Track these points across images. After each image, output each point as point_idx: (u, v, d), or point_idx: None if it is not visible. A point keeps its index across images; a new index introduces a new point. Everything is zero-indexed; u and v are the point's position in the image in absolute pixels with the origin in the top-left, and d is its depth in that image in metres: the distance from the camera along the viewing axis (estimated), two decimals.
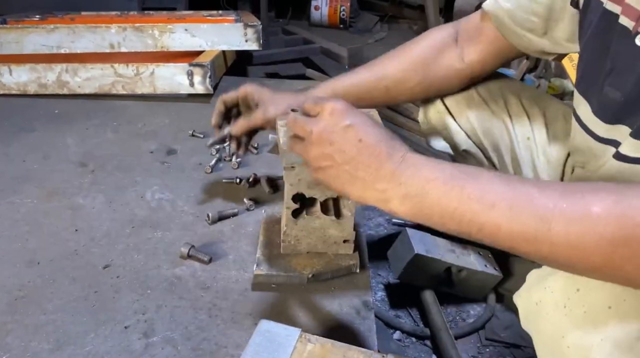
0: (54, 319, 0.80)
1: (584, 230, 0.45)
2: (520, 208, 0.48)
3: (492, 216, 0.49)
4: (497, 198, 0.49)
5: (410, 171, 0.55)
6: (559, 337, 0.51)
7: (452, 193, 0.52)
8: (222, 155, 1.30)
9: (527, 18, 0.86)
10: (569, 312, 0.51)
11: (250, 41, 1.77)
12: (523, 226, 0.48)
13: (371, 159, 0.57)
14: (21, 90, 1.69)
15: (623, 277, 0.46)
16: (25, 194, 1.12)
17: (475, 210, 0.50)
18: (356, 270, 0.90)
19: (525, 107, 1.02)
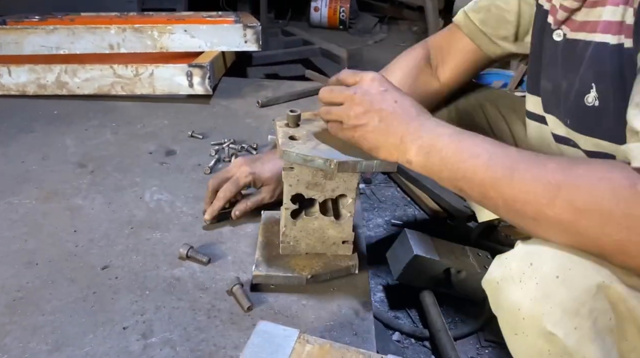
0: (52, 320, 0.80)
1: (538, 176, 0.54)
2: (495, 158, 0.59)
3: (474, 164, 0.60)
4: (482, 150, 0.60)
5: (429, 127, 0.66)
6: (515, 310, 0.55)
7: (451, 145, 0.63)
8: (221, 156, 1.30)
9: (499, 26, 0.93)
10: (524, 286, 0.55)
11: (249, 42, 1.77)
12: (493, 172, 0.58)
13: (404, 116, 0.67)
14: (20, 91, 1.69)
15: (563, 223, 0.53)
16: (24, 195, 1.12)
17: (463, 158, 0.61)
18: (355, 271, 0.90)
19: (503, 114, 1.06)
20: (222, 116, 1.59)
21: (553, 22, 0.77)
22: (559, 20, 0.75)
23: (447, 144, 0.63)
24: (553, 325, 0.52)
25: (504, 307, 0.57)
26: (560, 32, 0.76)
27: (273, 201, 1.01)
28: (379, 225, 1.49)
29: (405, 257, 1.10)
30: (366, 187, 1.69)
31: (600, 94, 0.70)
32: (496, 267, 0.60)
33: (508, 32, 0.93)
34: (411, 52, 1.03)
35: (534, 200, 0.54)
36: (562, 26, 0.76)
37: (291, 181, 0.81)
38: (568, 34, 0.75)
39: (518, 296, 0.55)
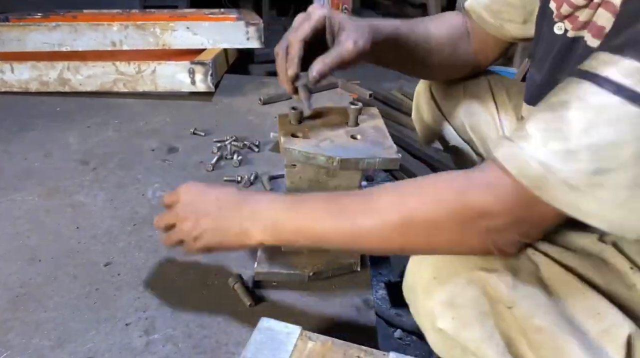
0: (55, 316, 0.80)
1: (375, 220, 0.58)
2: (334, 216, 0.61)
3: (321, 224, 0.62)
4: (320, 211, 0.63)
5: (263, 207, 0.66)
6: (416, 314, 0.62)
7: (296, 217, 0.64)
8: (224, 153, 1.30)
9: (502, 9, 0.89)
10: (414, 287, 0.62)
11: (251, 39, 1.77)
12: (340, 229, 0.61)
13: (232, 208, 0.68)
14: (23, 87, 1.69)
15: (402, 248, 0.59)
16: (27, 192, 1.13)
17: (309, 224, 0.63)
18: (357, 268, 0.90)
19: (511, 99, 1.04)
20: (224, 113, 1.59)
21: (556, 13, 0.74)
22: (562, 14, 0.72)
23: (291, 218, 0.64)
24: (439, 320, 0.57)
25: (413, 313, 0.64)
26: (562, 25, 0.73)
27: (356, 57, 0.74)
28: None
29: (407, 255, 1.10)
30: (368, 184, 1.68)
31: None
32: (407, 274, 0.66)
33: (512, 15, 0.89)
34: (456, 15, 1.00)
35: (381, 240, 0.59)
36: (565, 20, 0.73)
37: (294, 178, 0.81)
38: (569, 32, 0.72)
39: (413, 300, 0.63)
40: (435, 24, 0.95)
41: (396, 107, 1.97)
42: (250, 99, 1.69)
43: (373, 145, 0.78)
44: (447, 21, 0.98)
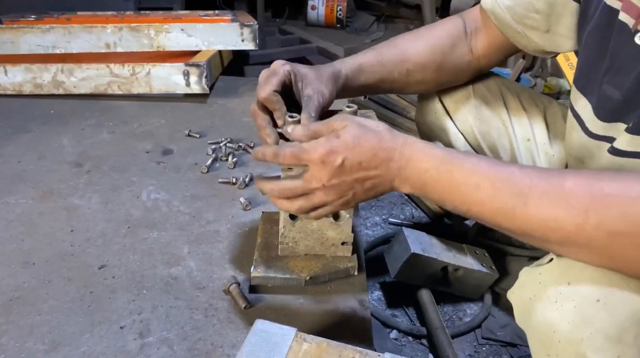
0: (49, 320, 0.80)
1: (558, 201, 0.50)
2: (500, 186, 0.54)
3: (477, 196, 0.55)
4: (481, 179, 0.55)
5: (410, 166, 0.61)
6: (550, 332, 0.52)
7: (443, 182, 0.58)
8: (219, 155, 1.30)
9: (527, 15, 0.84)
10: (560, 307, 0.51)
11: (246, 41, 1.77)
12: (502, 203, 0.53)
13: (378, 169, 0.63)
14: (16, 90, 1.69)
15: (595, 246, 0.49)
16: (21, 195, 1.12)
17: (463, 192, 0.57)
18: (354, 272, 0.90)
19: (525, 107, 1.00)
20: (219, 115, 1.58)
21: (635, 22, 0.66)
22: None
23: (438, 181, 0.59)
24: (593, 352, 0.49)
25: (536, 325, 0.54)
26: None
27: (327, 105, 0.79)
28: (376, 224, 1.49)
29: (403, 255, 1.10)
30: None
31: None
32: (527, 281, 0.57)
33: (536, 21, 0.83)
34: (452, 19, 0.96)
35: (558, 227, 0.50)
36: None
37: None
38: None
39: (554, 317, 0.52)
40: (414, 44, 0.93)
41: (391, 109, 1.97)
42: (245, 101, 1.69)
43: None
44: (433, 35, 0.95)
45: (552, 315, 0.52)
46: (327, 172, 0.63)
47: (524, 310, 0.57)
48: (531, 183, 0.52)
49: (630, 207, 0.46)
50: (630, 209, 0.46)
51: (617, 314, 0.49)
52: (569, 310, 0.51)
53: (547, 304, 0.53)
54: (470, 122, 1.01)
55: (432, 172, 0.59)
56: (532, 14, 0.83)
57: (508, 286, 1.24)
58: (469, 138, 1.02)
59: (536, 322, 0.54)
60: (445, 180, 0.58)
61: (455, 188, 0.57)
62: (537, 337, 0.54)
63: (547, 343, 0.53)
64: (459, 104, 1.01)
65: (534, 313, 0.54)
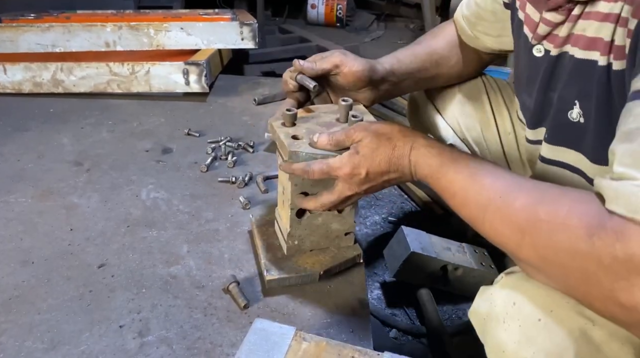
0: (48, 319, 0.80)
1: (505, 219, 0.54)
2: (470, 197, 0.60)
3: (454, 203, 0.63)
4: (457, 189, 0.62)
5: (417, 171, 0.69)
6: (500, 351, 0.54)
7: (436, 186, 0.67)
8: (218, 154, 1.30)
9: (478, 22, 0.95)
10: (507, 327, 0.54)
11: (246, 40, 1.76)
12: (469, 213, 0.60)
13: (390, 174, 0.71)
14: (16, 89, 1.68)
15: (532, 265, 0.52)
16: (20, 193, 1.12)
17: (446, 198, 0.65)
18: (360, 260, 0.91)
19: (506, 102, 1.06)
20: (219, 114, 1.58)
21: (532, 36, 0.74)
22: (540, 35, 0.73)
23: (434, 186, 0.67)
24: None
25: (490, 345, 0.57)
26: (541, 47, 0.74)
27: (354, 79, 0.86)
28: (376, 223, 1.49)
29: (402, 254, 1.10)
30: None
31: (585, 111, 0.69)
32: (481, 300, 0.60)
33: (486, 28, 0.94)
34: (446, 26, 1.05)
35: (505, 243, 0.54)
36: (544, 41, 0.73)
37: (297, 181, 0.80)
38: (552, 51, 0.72)
39: (502, 337, 0.55)
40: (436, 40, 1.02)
41: (391, 107, 1.97)
42: (245, 100, 1.69)
43: None
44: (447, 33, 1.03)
45: (501, 335, 0.55)
46: (356, 184, 0.72)
47: (481, 328, 0.59)
48: (493, 197, 0.56)
49: (555, 236, 0.48)
50: (554, 238, 0.48)
51: (557, 333, 0.50)
52: (514, 330, 0.53)
53: (496, 324, 0.56)
54: (457, 118, 1.07)
55: (429, 178, 0.67)
56: (480, 20, 0.94)
57: None
58: (456, 131, 1.09)
59: (489, 341, 0.57)
60: (437, 186, 0.66)
61: (443, 193, 0.65)
62: (493, 355, 0.57)
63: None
64: (447, 102, 1.09)
65: (487, 333, 0.57)
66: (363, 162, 0.70)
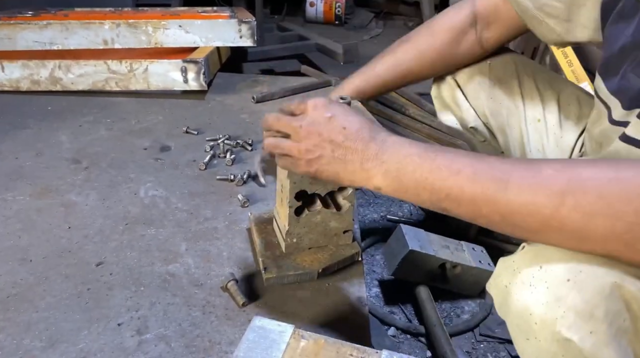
0: (46, 317, 0.79)
1: (536, 185, 0.51)
2: (482, 172, 0.55)
3: (458, 181, 0.55)
4: (463, 166, 0.56)
5: (390, 150, 0.61)
6: (527, 315, 0.53)
7: (424, 165, 0.58)
8: (217, 152, 1.30)
9: (548, 3, 0.85)
10: (534, 290, 0.53)
11: (244, 37, 1.76)
12: (483, 187, 0.54)
13: (357, 143, 0.63)
14: (14, 86, 1.68)
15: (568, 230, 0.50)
16: (18, 191, 1.12)
17: (443, 177, 0.56)
18: (359, 258, 0.91)
19: (539, 89, 1.01)
20: (217, 112, 1.58)
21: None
22: None
23: (419, 165, 0.58)
24: (567, 330, 0.50)
25: (514, 311, 0.55)
26: None
27: None
28: (374, 221, 1.49)
29: (401, 252, 1.10)
30: None
31: None
32: (502, 270, 0.58)
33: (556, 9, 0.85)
34: (458, 13, 0.99)
35: (536, 211, 0.51)
36: None
37: (295, 178, 0.80)
38: None
39: (529, 300, 0.53)
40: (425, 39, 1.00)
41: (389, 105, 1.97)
42: (244, 97, 1.69)
43: None
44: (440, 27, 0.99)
45: (527, 298, 0.53)
46: (311, 118, 0.66)
47: (502, 299, 0.58)
48: (511, 169, 0.54)
49: (606, 188, 0.48)
50: (605, 190, 0.48)
51: (587, 291, 0.50)
52: (542, 292, 0.52)
53: (521, 289, 0.54)
54: (483, 100, 1.03)
55: (414, 156, 0.59)
56: (552, 2, 0.84)
57: None
58: (479, 113, 1.04)
59: (513, 308, 0.55)
60: (427, 164, 0.58)
61: (436, 172, 0.57)
62: (516, 323, 0.56)
63: (525, 328, 0.54)
64: (474, 82, 1.04)
65: (510, 300, 0.56)
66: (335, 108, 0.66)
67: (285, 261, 0.87)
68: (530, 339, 0.54)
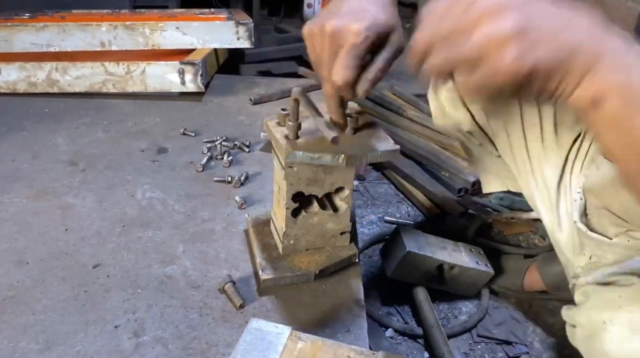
0: (43, 319, 0.79)
1: None
2: None
3: None
4: None
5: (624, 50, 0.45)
6: None
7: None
8: (214, 154, 1.30)
9: None
10: None
11: (242, 39, 1.76)
12: None
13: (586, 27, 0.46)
14: (10, 89, 1.68)
15: None
16: (15, 194, 1.11)
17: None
18: (356, 259, 0.91)
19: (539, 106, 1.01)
20: (215, 114, 1.58)
21: None
22: None
23: None
24: None
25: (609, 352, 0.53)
26: None
27: None
28: (372, 222, 1.49)
29: (398, 254, 1.10)
30: (359, 183, 1.69)
31: None
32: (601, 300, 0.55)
33: None
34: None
35: None
36: None
37: (292, 180, 0.80)
38: None
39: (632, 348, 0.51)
40: None
41: (387, 107, 1.97)
42: (241, 99, 1.69)
43: (371, 139, 0.79)
44: None
45: (630, 345, 0.50)
46: None
47: (593, 333, 0.54)
48: None
49: None
50: None
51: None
52: None
53: (625, 333, 0.51)
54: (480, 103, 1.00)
55: None
56: None
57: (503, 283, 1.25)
58: (478, 116, 1.02)
59: (607, 349, 0.52)
60: None
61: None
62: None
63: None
64: None
65: (605, 339, 0.52)
66: None
67: (282, 263, 0.87)
68: None
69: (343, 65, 0.61)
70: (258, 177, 1.20)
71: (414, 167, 1.65)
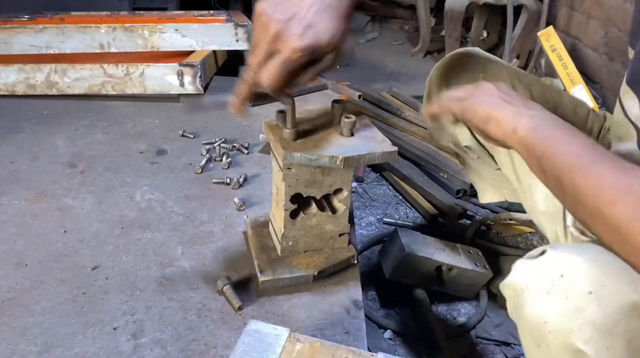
0: (42, 321, 0.79)
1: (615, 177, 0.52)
2: (585, 152, 0.56)
3: (568, 149, 0.58)
4: (577, 141, 0.58)
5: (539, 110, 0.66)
6: (541, 323, 0.53)
7: (556, 130, 0.61)
8: (213, 155, 1.30)
9: None
10: (552, 298, 0.52)
11: (241, 41, 1.76)
12: (578, 161, 0.56)
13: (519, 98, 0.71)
14: (9, 90, 1.68)
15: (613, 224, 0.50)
16: (14, 195, 1.12)
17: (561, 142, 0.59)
18: (355, 261, 0.91)
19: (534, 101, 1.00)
20: (213, 115, 1.58)
21: None
22: None
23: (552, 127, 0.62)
24: (583, 343, 0.49)
25: (528, 316, 0.55)
26: None
27: None
28: (370, 224, 1.49)
29: (397, 255, 1.10)
30: (358, 185, 1.69)
31: None
32: (520, 271, 0.57)
33: None
34: None
35: (598, 194, 0.52)
36: None
37: (290, 181, 0.80)
38: None
39: (545, 308, 0.53)
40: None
41: (386, 109, 1.97)
42: None
43: (368, 141, 0.79)
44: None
45: (544, 306, 0.53)
46: None
47: (516, 301, 0.57)
48: (607, 160, 0.55)
49: None
50: None
51: (608, 307, 0.49)
52: (560, 301, 0.52)
53: (539, 295, 0.54)
54: None
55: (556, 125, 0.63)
56: None
57: None
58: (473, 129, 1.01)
59: (528, 313, 0.55)
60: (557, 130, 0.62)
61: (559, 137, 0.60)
62: (528, 328, 0.55)
63: (537, 334, 0.54)
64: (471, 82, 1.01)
65: (525, 304, 0.55)
66: None
67: (281, 264, 0.87)
68: (542, 346, 0.53)
69: (273, 73, 0.67)
70: (257, 179, 1.21)
71: (413, 169, 1.65)
